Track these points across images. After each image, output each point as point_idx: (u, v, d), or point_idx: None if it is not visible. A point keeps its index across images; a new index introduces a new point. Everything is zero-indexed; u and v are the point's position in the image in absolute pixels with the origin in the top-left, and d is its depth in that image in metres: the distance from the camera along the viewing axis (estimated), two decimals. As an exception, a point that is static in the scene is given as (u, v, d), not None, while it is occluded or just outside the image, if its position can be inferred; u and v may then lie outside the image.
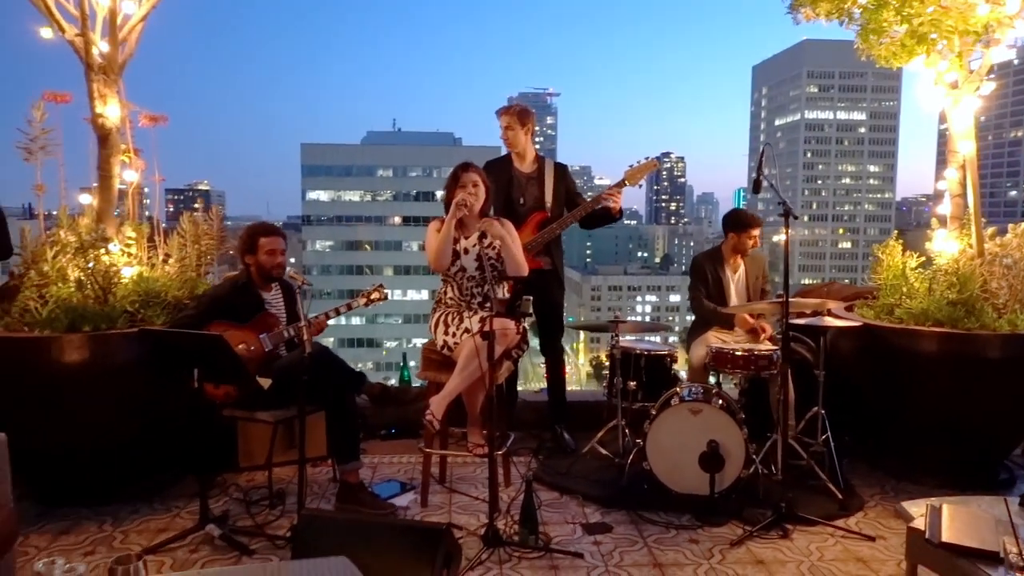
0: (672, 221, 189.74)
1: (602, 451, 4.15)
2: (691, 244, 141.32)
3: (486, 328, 3.13)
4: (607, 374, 4.34)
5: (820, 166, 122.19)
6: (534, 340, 4.49)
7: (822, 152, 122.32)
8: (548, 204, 4.26)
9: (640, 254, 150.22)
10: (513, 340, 3.44)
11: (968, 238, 4.09)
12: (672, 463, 3.58)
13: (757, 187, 3.76)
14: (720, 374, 4.25)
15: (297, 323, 3.37)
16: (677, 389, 3.81)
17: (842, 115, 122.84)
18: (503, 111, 4.28)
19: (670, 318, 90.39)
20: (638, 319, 4.85)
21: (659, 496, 3.59)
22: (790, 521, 3.37)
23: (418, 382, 5.07)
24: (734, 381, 4.44)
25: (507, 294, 3.45)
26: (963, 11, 3.69)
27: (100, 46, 3.76)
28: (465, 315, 3.51)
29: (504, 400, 3.86)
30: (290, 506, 3.52)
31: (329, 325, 3.64)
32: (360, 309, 3.80)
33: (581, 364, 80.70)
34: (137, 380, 3.43)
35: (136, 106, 3.90)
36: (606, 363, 5.02)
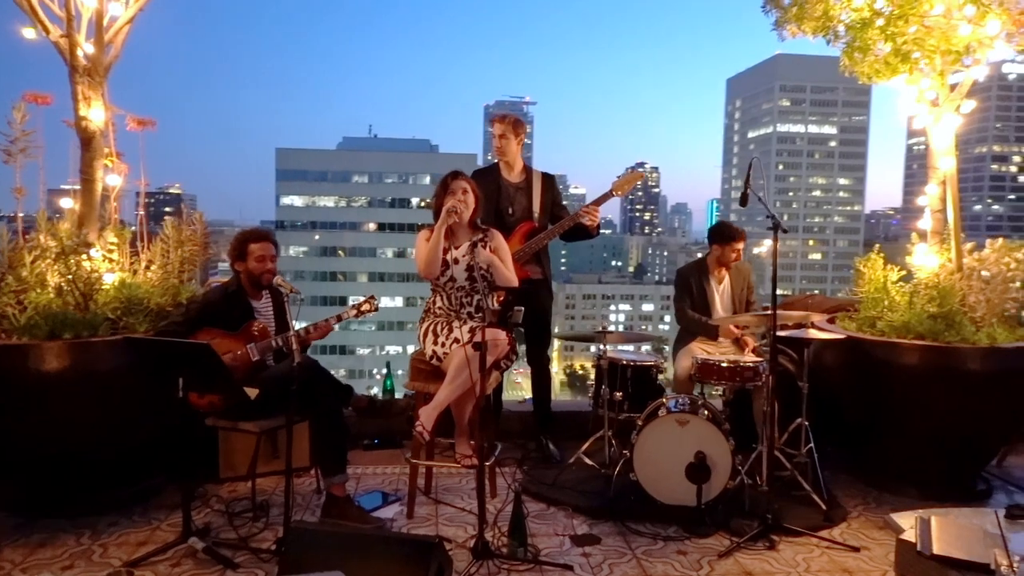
0: (646, 231, 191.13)
1: (588, 462, 4.14)
2: (665, 254, 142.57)
3: (476, 338, 3.12)
4: (591, 384, 4.34)
5: (792, 178, 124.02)
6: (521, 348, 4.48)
7: (794, 164, 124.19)
8: (536, 214, 4.27)
9: (614, 263, 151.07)
10: (503, 350, 3.43)
11: (948, 252, 4.17)
12: (659, 474, 3.59)
13: (744, 200, 3.80)
14: (704, 385, 4.27)
15: (286, 333, 3.34)
16: (663, 400, 3.82)
17: (813, 128, 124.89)
18: (499, 119, 4.29)
19: (643, 327, 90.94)
20: (612, 327, 4.79)
21: (646, 507, 3.59)
22: (776, 532, 3.39)
23: (401, 392, 5.04)
24: (718, 392, 4.46)
25: (497, 304, 3.44)
26: (946, 31, 3.77)
27: (85, 48, 3.69)
28: (455, 325, 3.49)
29: (491, 410, 3.85)
30: (274, 518, 3.46)
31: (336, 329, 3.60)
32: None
33: (555, 372, 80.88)
34: (119, 389, 3.36)
35: (120, 109, 3.84)
36: (581, 372, 5.01)
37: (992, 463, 4.35)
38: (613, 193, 4.31)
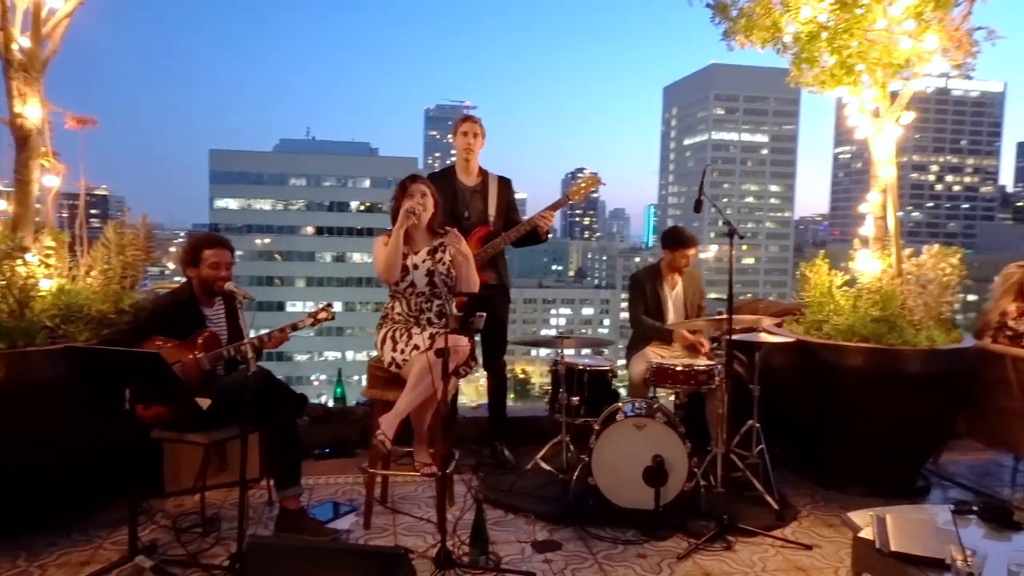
0: (586, 236, 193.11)
1: (545, 467, 4.14)
2: (604, 258, 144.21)
3: (437, 344, 3.07)
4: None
5: (726, 185, 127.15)
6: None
7: (728, 171, 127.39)
8: (492, 218, 4.25)
9: (555, 268, 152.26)
10: (464, 356, 3.39)
11: (889, 258, 4.33)
12: (617, 478, 3.61)
13: (698, 207, 3.88)
14: (657, 388, 4.32)
15: (239, 342, 3.22)
16: (620, 404, 3.85)
17: (746, 136, 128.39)
18: (470, 119, 4.29)
19: (583, 331, 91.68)
20: (552, 332, 4.75)
21: (605, 511, 3.61)
22: (732, 533, 3.46)
23: (353, 399, 4.95)
24: (671, 395, 4.53)
25: (457, 310, 3.40)
26: (887, 45, 3.93)
27: (21, 41, 3.50)
28: (414, 332, 3.44)
29: (451, 418, 3.80)
30: (224, 532, 3.34)
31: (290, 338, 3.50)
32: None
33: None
34: (58, 401, 3.18)
35: (58, 107, 3.65)
36: (522, 376, 5.01)
37: (929, 461, 4.53)
38: (569, 198, 4.33)
